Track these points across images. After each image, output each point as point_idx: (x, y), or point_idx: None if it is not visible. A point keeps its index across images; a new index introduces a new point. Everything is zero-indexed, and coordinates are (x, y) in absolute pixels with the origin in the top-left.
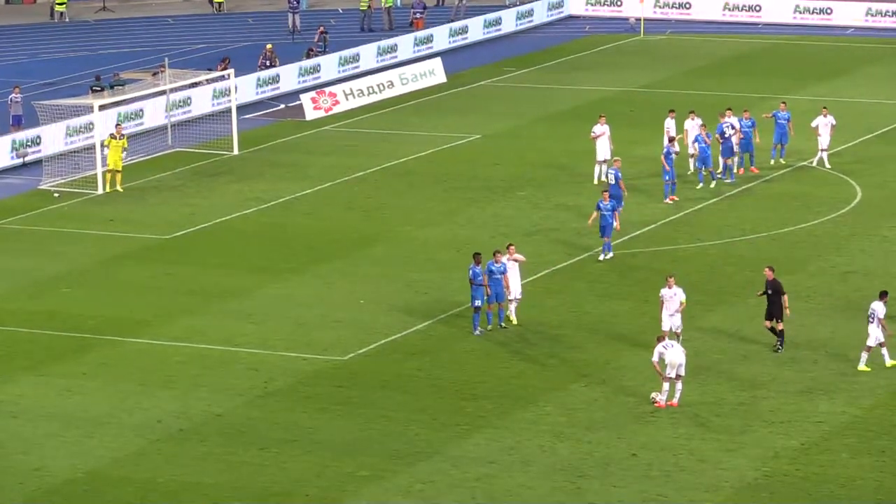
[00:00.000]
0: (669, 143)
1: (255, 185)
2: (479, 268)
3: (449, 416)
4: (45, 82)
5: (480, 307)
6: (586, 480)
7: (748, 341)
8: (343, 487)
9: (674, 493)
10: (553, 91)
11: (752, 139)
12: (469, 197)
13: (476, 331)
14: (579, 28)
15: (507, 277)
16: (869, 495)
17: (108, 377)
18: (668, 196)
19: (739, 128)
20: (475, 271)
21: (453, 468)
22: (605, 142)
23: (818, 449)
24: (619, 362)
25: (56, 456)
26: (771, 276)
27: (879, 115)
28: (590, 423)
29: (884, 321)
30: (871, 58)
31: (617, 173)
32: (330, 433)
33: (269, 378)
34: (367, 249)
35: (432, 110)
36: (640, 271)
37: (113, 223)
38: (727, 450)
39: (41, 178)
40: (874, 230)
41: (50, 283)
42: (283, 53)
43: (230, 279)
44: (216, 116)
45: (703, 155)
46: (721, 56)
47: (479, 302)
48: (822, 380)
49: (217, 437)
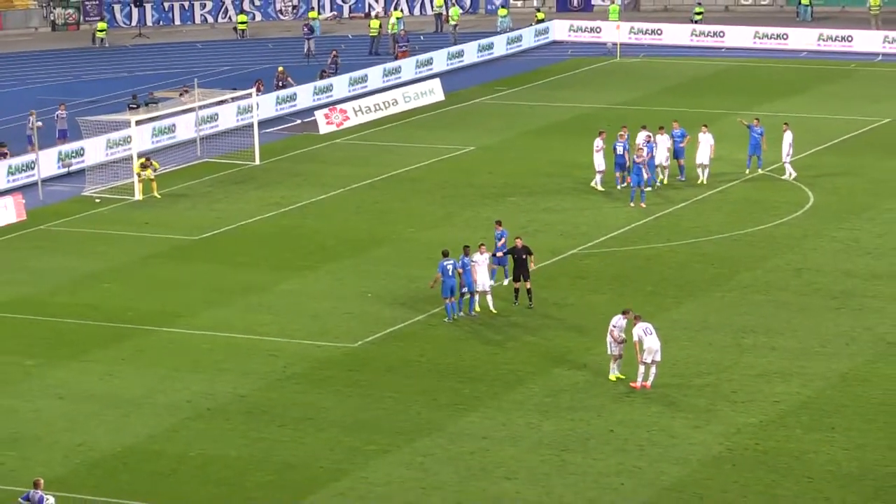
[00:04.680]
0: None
1: (275, 192)
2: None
3: (447, 397)
4: (87, 100)
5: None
6: (569, 454)
7: (713, 330)
8: (352, 460)
9: (647, 465)
10: (540, 108)
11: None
12: (465, 202)
13: (447, 319)
14: (563, 52)
15: (476, 271)
16: (820, 466)
17: (144, 363)
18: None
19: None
20: (443, 266)
21: (450, 443)
22: (602, 155)
23: (775, 426)
24: (598, 349)
25: (97, 433)
26: (521, 244)
27: (831, 128)
28: (572, 403)
29: (620, 335)
30: (823, 78)
31: (625, 145)
32: (341, 412)
33: (287, 363)
34: (374, 249)
35: (432, 125)
36: (617, 268)
37: (148, 226)
38: (695, 426)
39: (84, 186)
40: (825, 231)
41: (92, 279)
42: (299, 75)
43: (252, 276)
44: (240, 130)
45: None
46: (689, 76)
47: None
48: (778, 364)
49: (240, 415)
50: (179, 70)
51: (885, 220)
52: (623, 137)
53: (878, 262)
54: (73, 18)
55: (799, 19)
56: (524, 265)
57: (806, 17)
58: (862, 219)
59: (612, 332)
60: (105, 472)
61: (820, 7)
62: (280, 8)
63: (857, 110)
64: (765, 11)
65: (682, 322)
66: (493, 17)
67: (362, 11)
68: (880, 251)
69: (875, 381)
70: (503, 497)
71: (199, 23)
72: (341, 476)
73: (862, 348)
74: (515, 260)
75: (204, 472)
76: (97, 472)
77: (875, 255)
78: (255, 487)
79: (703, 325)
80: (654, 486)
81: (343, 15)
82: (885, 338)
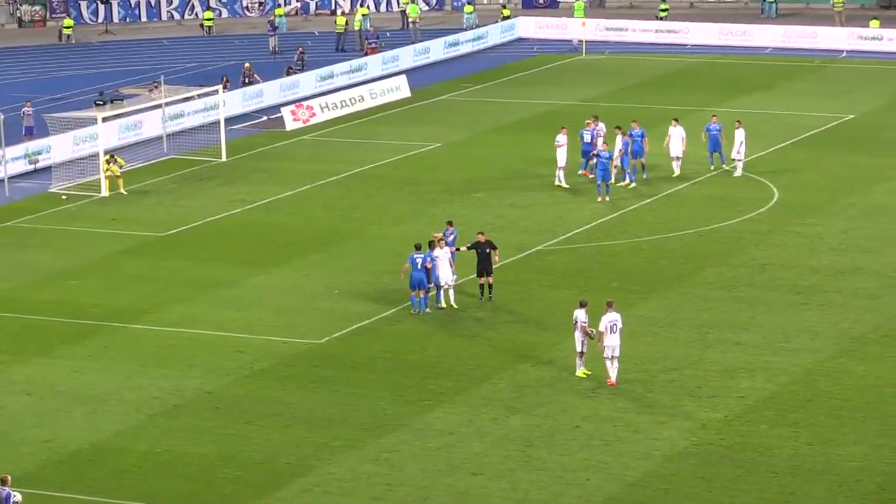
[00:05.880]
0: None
1: (241, 188)
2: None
3: (413, 393)
4: (54, 97)
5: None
6: (535, 449)
7: (678, 326)
8: (318, 456)
9: (612, 460)
10: (505, 104)
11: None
12: (431, 198)
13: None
14: (528, 49)
15: (438, 266)
16: (785, 461)
17: (111, 359)
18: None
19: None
20: (412, 258)
21: (417, 439)
22: (564, 151)
23: (740, 421)
24: (563, 345)
25: (65, 429)
26: (483, 239)
27: (795, 125)
28: (537, 399)
29: (587, 327)
30: (788, 74)
31: (592, 132)
32: (308, 408)
33: (254, 359)
34: (341, 245)
35: (398, 122)
36: (582, 264)
37: (114, 222)
38: (660, 422)
39: (51, 182)
40: (789, 227)
41: (59, 275)
42: (266, 71)
43: (219, 271)
44: (206, 127)
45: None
46: (654, 73)
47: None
48: (743, 360)
49: (207, 411)
50: (146, 67)
51: (848, 216)
52: (590, 126)
53: (841, 257)
54: (40, 15)
55: (764, 16)
56: (488, 260)
57: (771, 13)
58: (826, 214)
59: (583, 328)
60: (72, 469)
61: (784, 4)
62: (246, 5)
63: (821, 107)
64: (730, 8)
65: (647, 318)
66: (459, 13)
67: (328, 8)
68: (844, 247)
69: (839, 377)
70: (469, 492)
71: (165, 19)
72: (307, 471)
73: (826, 343)
74: (479, 255)
75: (171, 468)
76: (64, 469)
77: (839, 251)
78: (221, 483)
79: (669, 321)
80: (620, 481)
81: (309, 12)
82: (849, 333)
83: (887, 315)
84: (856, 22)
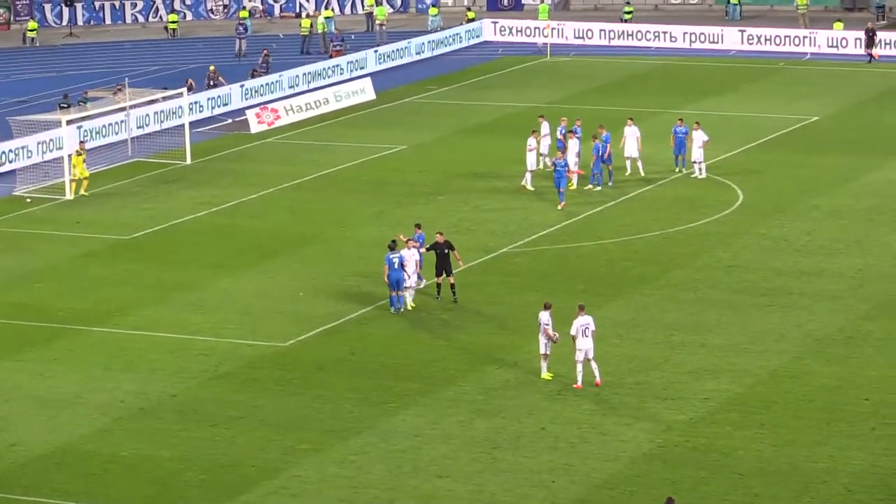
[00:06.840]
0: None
1: (206, 191)
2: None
3: (378, 396)
4: (18, 100)
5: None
6: (501, 451)
7: (643, 328)
8: (285, 459)
9: (578, 463)
10: (470, 107)
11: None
12: (396, 201)
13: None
14: (493, 51)
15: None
16: (750, 463)
17: (76, 362)
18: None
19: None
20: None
21: (382, 441)
22: (535, 154)
23: (705, 423)
24: (529, 347)
25: (30, 433)
26: (442, 239)
27: (760, 126)
28: (503, 401)
29: (549, 331)
30: (752, 76)
31: (561, 129)
32: (273, 411)
33: (219, 362)
34: (306, 248)
35: (363, 124)
36: (548, 266)
37: (79, 225)
38: (625, 424)
39: (15, 186)
40: (754, 228)
41: (23, 278)
42: (230, 74)
43: (184, 274)
44: (171, 130)
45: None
46: (620, 76)
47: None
48: (708, 361)
49: (173, 415)
50: (110, 69)
51: (813, 218)
52: (564, 122)
53: (806, 259)
54: (4, 18)
55: (728, 18)
56: (446, 260)
57: (735, 15)
58: (790, 216)
59: (546, 331)
60: (37, 472)
61: (749, 6)
62: (211, 7)
63: (785, 108)
64: (694, 10)
65: (612, 320)
66: (423, 16)
67: (293, 11)
68: (808, 248)
69: (804, 378)
70: (435, 495)
71: (129, 22)
72: (273, 475)
73: (791, 345)
74: (437, 255)
75: (136, 471)
76: (29, 472)
77: (803, 253)
78: (187, 487)
79: (634, 323)
80: (586, 483)
81: (274, 14)
82: (814, 335)
83: (851, 316)
84: (820, 24)
